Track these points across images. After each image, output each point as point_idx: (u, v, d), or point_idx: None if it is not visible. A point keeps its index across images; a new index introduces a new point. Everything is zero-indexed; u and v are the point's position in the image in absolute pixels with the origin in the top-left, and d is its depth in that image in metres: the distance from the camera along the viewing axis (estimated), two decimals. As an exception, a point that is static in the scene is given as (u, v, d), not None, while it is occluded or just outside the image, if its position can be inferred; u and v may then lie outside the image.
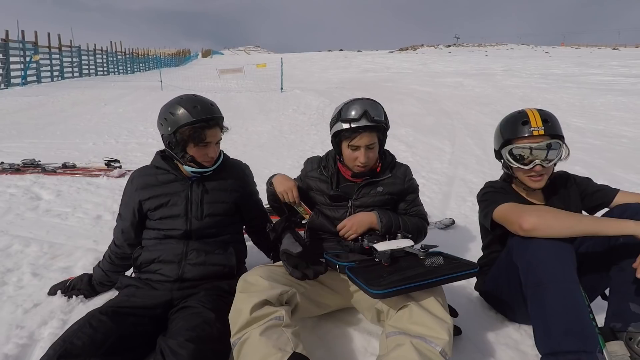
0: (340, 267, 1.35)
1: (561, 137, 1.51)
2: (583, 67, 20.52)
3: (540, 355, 1.21)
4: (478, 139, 6.14)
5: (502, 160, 1.64)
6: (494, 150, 1.69)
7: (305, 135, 6.21)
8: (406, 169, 1.81)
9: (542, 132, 1.48)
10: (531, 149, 1.50)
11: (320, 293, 1.52)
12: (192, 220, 1.62)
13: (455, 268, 1.25)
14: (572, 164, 4.86)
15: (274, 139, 6.05)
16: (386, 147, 1.81)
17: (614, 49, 40.30)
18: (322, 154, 1.92)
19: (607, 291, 1.51)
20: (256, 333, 1.14)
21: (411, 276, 1.19)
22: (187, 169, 1.63)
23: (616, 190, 1.57)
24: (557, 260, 1.20)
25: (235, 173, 1.79)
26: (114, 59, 23.56)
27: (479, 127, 6.98)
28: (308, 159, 1.87)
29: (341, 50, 46.73)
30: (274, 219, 1.97)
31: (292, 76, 20.96)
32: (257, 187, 1.97)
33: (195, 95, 1.64)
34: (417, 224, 1.72)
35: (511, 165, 1.57)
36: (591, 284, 1.44)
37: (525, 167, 1.52)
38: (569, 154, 1.55)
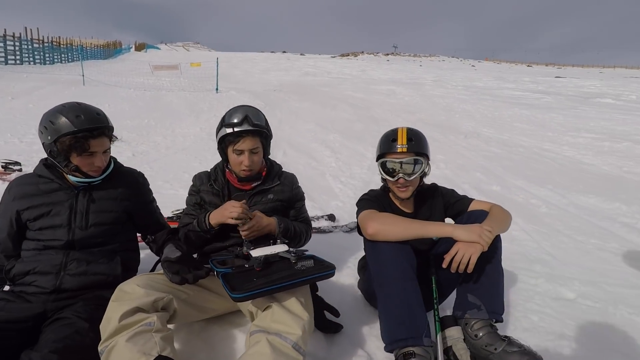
0: (217, 273, 1.43)
1: (424, 155, 1.74)
2: (500, 81, 22.71)
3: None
4: (399, 145, 6.59)
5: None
6: None
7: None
8: (293, 177, 1.94)
9: (405, 150, 1.69)
10: (400, 163, 1.71)
11: (206, 298, 1.59)
12: (75, 230, 1.59)
13: (316, 270, 1.39)
14: (474, 170, 5.43)
15: (201, 141, 5.95)
16: (315, 151, 1.96)
17: (528, 66, 44.86)
18: None
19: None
20: (123, 340, 1.18)
21: (276, 279, 1.31)
22: (72, 178, 1.60)
23: (471, 200, 1.83)
24: (395, 262, 1.41)
25: (127, 181, 1.78)
26: (29, 46, 21.30)
27: (401, 135, 7.47)
28: (196, 175, 1.89)
29: (284, 52, 46.76)
30: (173, 224, 2.00)
31: (231, 76, 20.57)
32: (177, 193, 1.97)
33: (79, 103, 1.61)
34: (306, 230, 1.87)
35: (382, 176, 1.78)
36: (448, 279, 1.68)
37: (392, 179, 1.73)
38: (429, 170, 1.79)
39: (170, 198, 3.28)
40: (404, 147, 1.70)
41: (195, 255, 1.80)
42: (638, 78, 29.40)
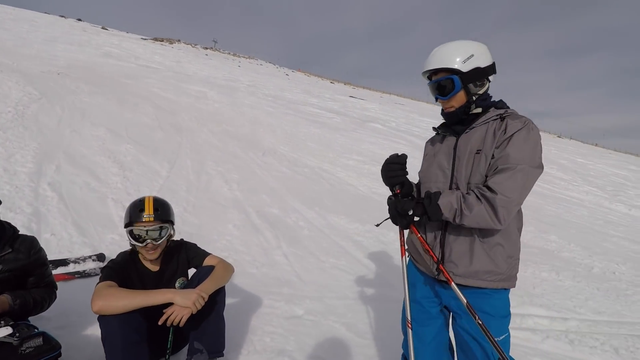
0: None
1: (169, 222, 2.06)
2: (307, 95, 25.53)
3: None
4: (198, 161, 6.75)
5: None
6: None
7: (-17, 144, 4.96)
8: (32, 242, 1.92)
9: (151, 219, 1.97)
10: (147, 230, 1.97)
11: None
12: None
13: (42, 352, 1.51)
14: (262, 192, 6.16)
15: None
16: (99, 166, 1.93)
17: (331, 82, 51.88)
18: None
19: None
20: None
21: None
22: None
23: (207, 255, 2.25)
24: (121, 332, 1.68)
25: None
26: None
27: (203, 148, 7.64)
28: None
29: (79, 20, 38.97)
30: None
31: (-8, 41, 15.93)
32: None
33: None
34: (49, 295, 1.88)
35: (131, 242, 1.99)
36: (185, 330, 2.04)
37: (140, 245, 1.97)
38: (174, 233, 2.12)
39: None
40: (151, 216, 1.97)
41: None
42: (404, 105, 38.27)
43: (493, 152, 1.50)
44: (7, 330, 1.49)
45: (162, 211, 2.01)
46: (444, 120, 1.73)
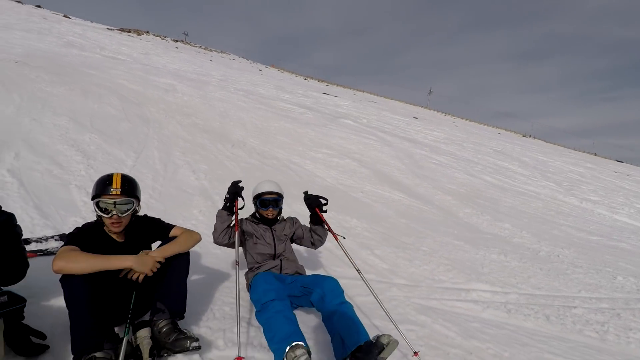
0: None
1: (136, 197, 2.19)
2: (280, 90, 25.50)
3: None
4: (165, 152, 6.75)
5: (93, 208, 2.16)
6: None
7: None
8: (9, 216, 2.00)
9: (119, 193, 2.09)
10: (114, 203, 2.09)
11: None
12: None
13: (6, 305, 1.63)
14: (229, 181, 6.25)
15: None
16: (62, 154, 2.04)
17: (305, 79, 51.93)
18: None
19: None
20: None
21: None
22: None
23: (172, 226, 2.39)
24: (80, 289, 1.81)
25: None
26: None
27: (170, 139, 7.63)
28: None
29: (39, 7, 37.07)
30: None
31: (-58, 27, 15.00)
32: None
33: None
34: (11, 270, 1.95)
35: (97, 214, 2.11)
36: (148, 293, 2.17)
37: (107, 216, 2.09)
38: (139, 209, 2.25)
39: None
40: (118, 190, 2.09)
41: None
42: (376, 103, 38.96)
43: None
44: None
45: (129, 187, 2.14)
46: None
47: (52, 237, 3.13)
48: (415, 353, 2.47)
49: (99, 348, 1.73)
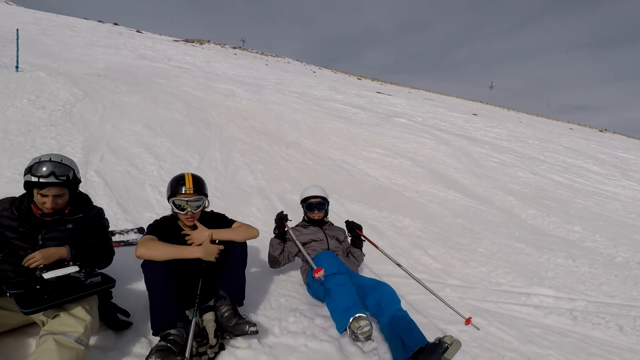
0: (10, 294, 1.77)
1: (205, 194, 2.44)
2: (333, 91, 25.77)
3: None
4: (225, 154, 7.21)
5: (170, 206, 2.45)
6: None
7: (40, 138, 5.58)
8: (99, 211, 2.34)
9: (191, 192, 2.35)
10: (187, 201, 2.36)
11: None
12: None
13: (101, 284, 1.92)
14: (285, 181, 6.52)
15: (-8, 141, 5.20)
16: (137, 157, 2.32)
17: (358, 78, 51.73)
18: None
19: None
20: None
21: (65, 293, 1.77)
22: None
23: (234, 221, 2.61)
24: (159, 274, 2.06)
25: None
26: None
27: (231, 142, 8.12)
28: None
29: (116, 24, 41.06)
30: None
31: (40, 46, 17.27)
32: None
33: None
34: (101, 256, 2.29)
35: (174, 211, 2.39)
36: (212, 281, 2.41)
37: (182, 213, 2.36)
38: (208, 205, 2.50)
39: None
40: (190, 189, 2.36)
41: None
42: (432, 100, 37.76)
43: None
44: (75, 268, 1.90)
45: (199, 186, 2.41)
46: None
47: (132, 229, 3.55)
48: (468, 319, 2.65)
49: (173, 326, 1.97)
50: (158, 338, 2.00)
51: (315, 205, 3.33)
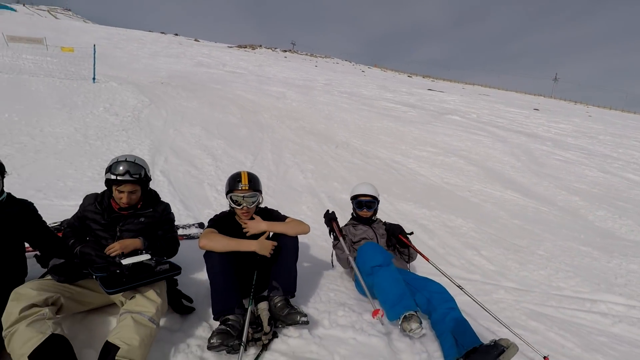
0: (95, 277, 2.04)
1: (259, 191, 2.61)
2: (382, 90, 25.46)
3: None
4: (277, 154, 7.48)
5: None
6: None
7: (114, 142, 6.21)
8: (166, 206, 2.59)
9: (247, 188, 2.53)
10: (243, 197, 2.54)
11: (85, 294, 2.16)
12: None
13: (169, 271, 2.13)
14: (333, 180, 6.62)
15: (76, 144, 5.86)
16: (197, 158, 2.62)
17: (409, 76, 50.59)
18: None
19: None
20: (23, 326, 1.73)
21: (140, 277, 2.01)
22: None
23: (287, 217, 2.75)
24: (219, 264, 2.23)
25: (17, 211, 2.23)
26: None
27: (282, 143, 8.39)
28: (86, 195, 2.44)
29: (176, 35, 43.95)
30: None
31: (112, 58, 18.98)
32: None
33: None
34: (169, 246, 2.53)
35: (231, 205, 2.58)
36: (266, 273, 2.56)
37: (238, 207, 2.55)
38: (262, 201, 2.67)
39: (45, 208, 3.51)
40: (246, 186, 2.54)
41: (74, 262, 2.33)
42: (488, 96, 35.89)
43: None
44: (148, 256, 2.15)
45: (254, 182, 2.59)
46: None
47: (193, 224, 3.84)
48: (546, 358, 2.35)
49: (232, 312, 2.14)
50: (218, 323, 2.18)
51: (365, 204, 3.36)
